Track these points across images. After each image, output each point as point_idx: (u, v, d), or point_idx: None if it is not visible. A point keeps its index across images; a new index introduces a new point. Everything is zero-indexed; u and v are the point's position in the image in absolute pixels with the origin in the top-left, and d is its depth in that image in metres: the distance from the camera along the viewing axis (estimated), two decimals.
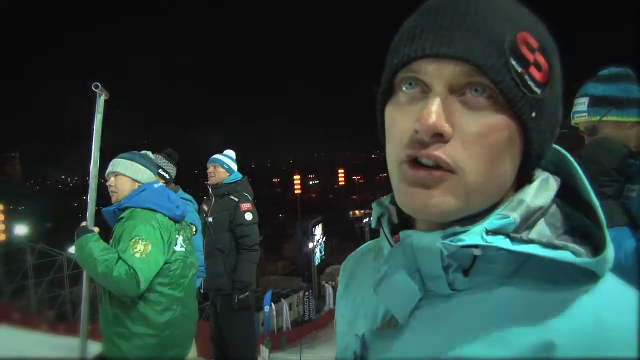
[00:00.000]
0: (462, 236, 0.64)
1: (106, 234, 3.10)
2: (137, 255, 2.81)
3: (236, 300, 4.67)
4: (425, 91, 0.65)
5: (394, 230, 0.76)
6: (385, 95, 0.71)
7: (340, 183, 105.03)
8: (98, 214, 3.22)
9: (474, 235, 0.63)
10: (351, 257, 0.98)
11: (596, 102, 2.14)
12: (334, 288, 32.70)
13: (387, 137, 0.70)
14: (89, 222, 3.07)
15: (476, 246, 0.63)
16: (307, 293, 30.45)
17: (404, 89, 0.67)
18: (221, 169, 4.98)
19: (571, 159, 0.72)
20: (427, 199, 0.64)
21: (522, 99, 0.62)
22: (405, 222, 0.77)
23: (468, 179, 0.63)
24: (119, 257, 2.81)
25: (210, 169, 5.02)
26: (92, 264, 2.80)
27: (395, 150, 0.67)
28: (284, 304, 26.27)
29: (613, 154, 2.02)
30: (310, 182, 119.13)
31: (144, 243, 2.85)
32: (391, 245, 0.74)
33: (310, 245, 37.55)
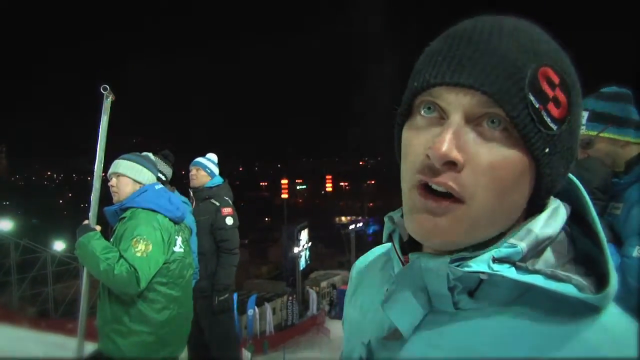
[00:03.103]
0: (469, 262, 0.66)
1: (106, 232, 3.17)
2: (138, 254, 2.89)
3: (216, 302, 4.75)
4: (443, 117, 0.66)
5: (403, 246, 0.79)
6: (404, 116, 0.72)
7: (327, 189, 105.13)
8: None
9: (480, 263, 0.65)
10: (362, 260, 1.00)
11: (595, 118, 2.25)
12: (318, 294, 32.66)
13: (402, 157, 0.71)
14: (91, 220, 3.13)
15: (482, 272, 0.65)
16: (291, 298, 30.36)
17: (422, 112, 0.68)
18: (203, 173, 5.05)
19: (581, 187, 0.73)
20: (433, 228, 0.66)
21: (537, 135, 0.63)
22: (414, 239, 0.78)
23: (475, 209, 0.64)
24: (121, 256, 2.88)
25: (193, 172, 5.08)
26: (94, 262, 2.87)
27: (408, 173, 0.69)
28: (268, 308, 26.20)
29: (596, 174, 2.14)
30: (298, 187, 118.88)
31: (145, 243, 2.93)
32: (402, 263, 0.76)
33: (296, 250, 37.49)
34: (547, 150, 0.64)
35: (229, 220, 4.90)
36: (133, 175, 3.20)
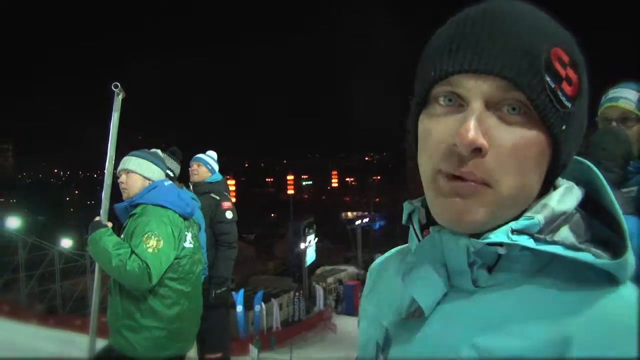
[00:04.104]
0: (488, 234, 0.66)
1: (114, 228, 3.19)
2: (150, 250, 2.91)
3: (214, 295, 4.76)
4: (462, 104, 0.66)
5: (422, 228, 0.79)
6: (421, 106, 0.72)
7: (333, 184, 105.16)
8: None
9: (500, 234, 0.65)
10: (378, 261, 1.00)
11: None
12: (324, 289, 32.68)
13: (421, 146, 0.71)
14: (102, 217, 3.16)
15: (501, 244, 0.66)
16: (297, 294, 30.40)
17: (441, 102, 0.68)
18: (204, 168, 5.13)
19: (596, 170, 0.73)
20: (462, 209, 0.66)
21: (555, 115, 0.65)
22: (432, 223, 0.78)
23: (501, 191, 0.65)
24: (132, 252, 2.91)
25: (194, 167, 5.15)
26: (106, 258, 2.90)
27: (430, 160, 0.69)
28: (275, 303, 26.28)
29: (621, 142, 2.17)
30: (304, 183, 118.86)
31: (156, 239, 2.96)
32: (419, 240, 0.77)
33: (302, 245, 37.48)
34: (564, 127, 0.66)
35: (229, 214, 4.98)
36: (143, 171, 3.22)
